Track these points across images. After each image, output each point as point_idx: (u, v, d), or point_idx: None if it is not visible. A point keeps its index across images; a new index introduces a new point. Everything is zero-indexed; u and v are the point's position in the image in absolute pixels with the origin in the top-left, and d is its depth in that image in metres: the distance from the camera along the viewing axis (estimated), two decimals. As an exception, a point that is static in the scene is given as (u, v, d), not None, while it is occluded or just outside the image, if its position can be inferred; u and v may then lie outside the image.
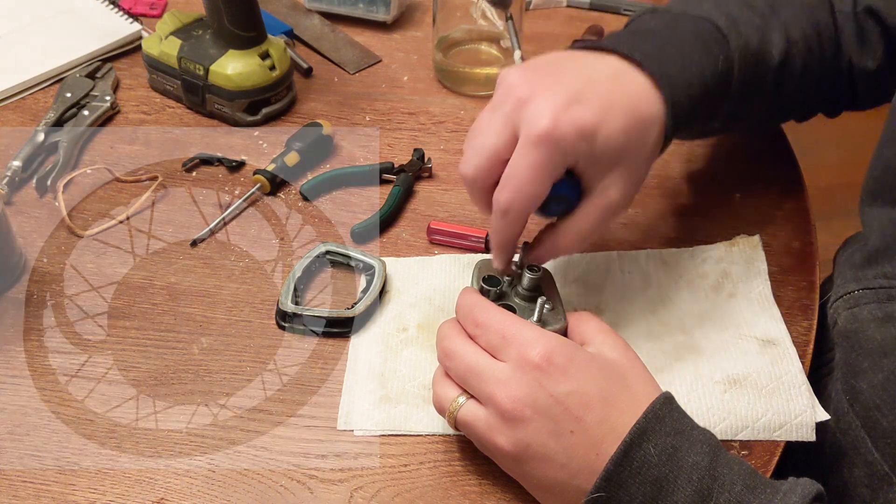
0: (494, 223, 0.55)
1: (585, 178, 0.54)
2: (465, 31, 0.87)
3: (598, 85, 0.54)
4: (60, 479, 0.55)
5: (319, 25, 0.95)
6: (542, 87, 0.53)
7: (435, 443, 0.57)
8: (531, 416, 0.48)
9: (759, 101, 0.64)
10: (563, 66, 0.55)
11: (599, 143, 0.52)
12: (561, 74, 0.54)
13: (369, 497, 0.54)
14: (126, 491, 0.54)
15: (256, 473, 0.55)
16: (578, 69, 0.55)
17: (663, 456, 0.47)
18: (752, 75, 0.61)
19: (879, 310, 0.59)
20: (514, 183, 0.52)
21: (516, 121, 0.52)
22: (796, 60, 0.63)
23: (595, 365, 0.50)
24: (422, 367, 0.61)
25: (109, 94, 0.83)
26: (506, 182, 0.53)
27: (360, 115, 0.84)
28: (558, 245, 0.56)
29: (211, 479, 0.55)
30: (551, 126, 0.51)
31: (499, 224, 0.54)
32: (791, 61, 0.63)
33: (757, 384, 0.58)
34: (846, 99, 0.70)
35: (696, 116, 0.59)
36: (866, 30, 0.66)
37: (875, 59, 0.66)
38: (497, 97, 0.55)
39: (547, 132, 0.51)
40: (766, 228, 0.71)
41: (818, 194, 0.82)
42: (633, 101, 0.54)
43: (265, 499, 0.54)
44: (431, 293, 0.66)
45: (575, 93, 0.52)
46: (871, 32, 0.66)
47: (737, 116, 0.64)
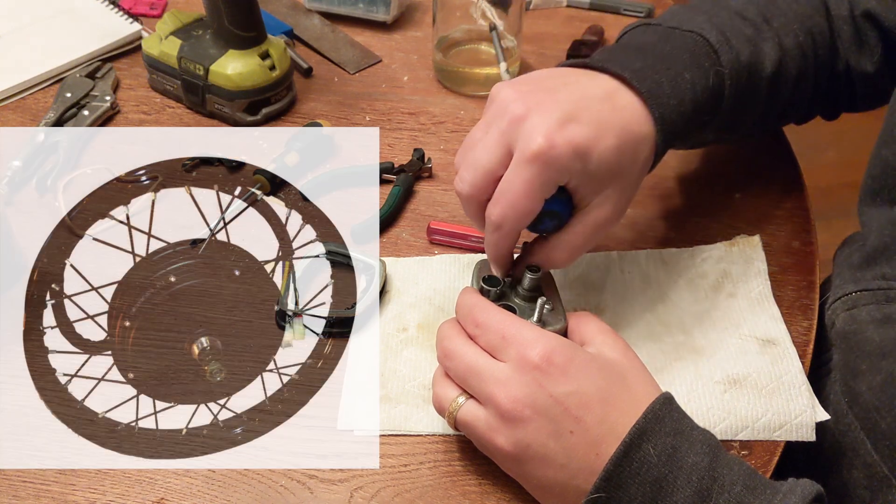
0: (487, 237, 0.55)
1: (578, 195, 0.55)
2: (465, 31, 0.87)
3: (592, 104, 0.54)
4: (60, 479, 0.55)
5: (319, 25, 0.95)
6: (536, 105, 0.53)
7: (435, 443, 0.57)
8: (531, 417, 0.48)
9: (752, 111, 0.64)
10: (557, 83, 0.56)
11: (593, 161, 0.53)
12: (555, 92, 0.54)
13: (369, 497, 0.54)
14: (126, 491, 0.54)
15: (256, 473, 0.55)
16: (572, 87, 0.55)
17: (663, 456, 0.47)
18: (743, 87, 0.61)
19: (878, 311, 0.59)
20: (507, 199, 0.52)
21: (511, 138, 0.53)
22: (790, 68, 0.64)
23: (595, 365, 0.50)
24: (422, 367, 0.61)
25: (109, 94, 0.83)
26: (499, 197, 0.53)
27: (360, 115, 0.84)
28: (551, 258, 0.57)
29: (211, 479, 0.55)
30: (546, 145, 0.51)
31: (492, 238, 0.55)
32: (784, 69, 0.63)
33: (757, 384, 0.58)
34: (844, 101, 0.70)
35: (688, 131, 0.59)
36: (864, 33, 0.66)
37: (873, 61, 0.66)
38: (491, 113, 0.55)
39: (542, 151, 0.51)
40: (765, 228, 0.71)
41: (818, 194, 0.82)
42: (625, 121, 0.55)
43: (265, 499, 0.54)
44: (431, 293, 0.66)
45: (569, 112, 0.53)
46: (868, 35, 0.66)
47: (730, 128, 0.64)
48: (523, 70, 0.89)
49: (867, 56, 0.66)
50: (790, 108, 0.68)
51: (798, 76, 0.64)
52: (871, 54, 0.66)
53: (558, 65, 0.60)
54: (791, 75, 0.64)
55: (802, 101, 0.67)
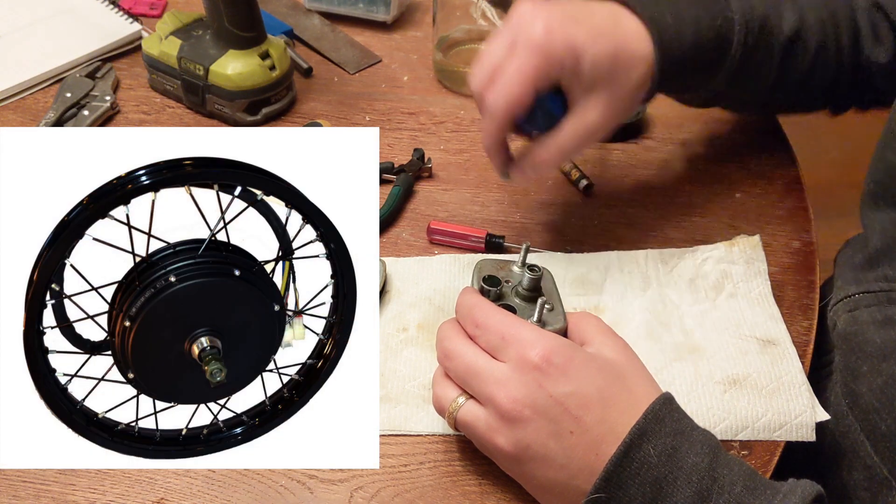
0: (483, 124, 0.59)
1: (570, 96, 0.58)
2: (465, 31, 0.87)
3: (595, 17, 0.59)
4: (60, 479, 0.55)
5: (319, 25, 0.95)
6: (545, 10, 0.57)
7: (435, 443, 0.57)
8: (531, 417, 0.48)
9: (765, 72, 0.65)
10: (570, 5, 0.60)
11: (587, 62, 0.57)
12: (565, 4, 0.58)
13: (369, 497, 0.54)
14: (126, 491, 0.54)
15: (256, 473, 0.55)
16: (580, 5, 0.60)
17: (663, 456, 0.47)
18: (755, 40, 0.63)
19: (879, 313, 0.59)
20: (502, 82, 0.57)
21: (516, 33, 0.57)
22: (809, 40, 0.65)
23: (594, 365, 0.50)
24: (422, 368, 0.61)
25: (109, 94, 0.83)
26: (494, 81, 0.57)
27: (360, 115, 0.84)
28: (539, 156, 0.61)
29: (211, 479, 0.55)
30: (545, 34, 0.56)
31: (485, 125, 0.59)
32: (803, 39, 0.65)
33: (757, 384, 0.58)
34: (856, 94, 0.71)
35: (691, 72, 0.62)
36: (877, 24, 0.67)
37: (886, 52, 0.67)
38: (506, 21, 0.60)
39: (539, 39, 0.56)
40: (766, 228, 0.71)
41: (818, 194, 0.82)
42: (624, 37, 0.59)
43: (265, 499, 0.54)
44: (431, 293, 0.66)
45: (573, 16, 0.57)
46: (881, 27, 0.67)
47: (741, 84, 0.66)
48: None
49: (881, 47, 0.67)
50: (808, 85, 0.68)
51: (817, 50, 0.66)
52: (884, 46, 0.67)
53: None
54: (810, 47, 0.65)
55: (822, 80, 0.68)
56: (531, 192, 0.76)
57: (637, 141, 0.81)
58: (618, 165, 0.78)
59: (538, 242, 0.71)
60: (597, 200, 0.75)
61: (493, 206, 0.74)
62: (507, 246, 0.70)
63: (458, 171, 0.78)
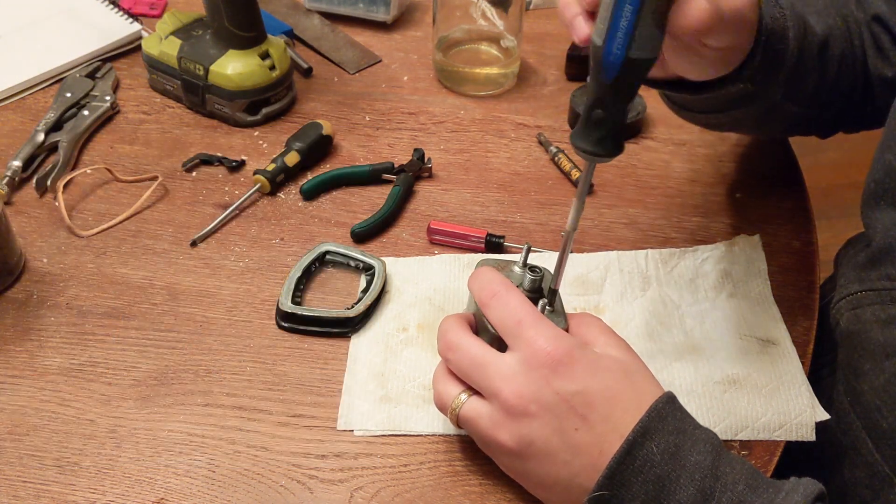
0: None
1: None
2: (465, 31, 0.87)
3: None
4: (60, 479, 0.55)
5: (319, 25, 0.95)
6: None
7: (435, 443, 0.57)
8: (536, 413, 0.48)
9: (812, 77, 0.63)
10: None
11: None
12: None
13: (369, 497, 0.54)
14: (126, 491, 0.54)
15: (256, 473, 0.55)
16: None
17: (666, 455, 0.47)
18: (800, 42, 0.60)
19: (882, 311, 0.59)
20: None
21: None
22: (835, 47, 0.63)
23: (601, 365, 0.50)
24: (422, 367, 0.61)
25: (109, 94, 0.83)
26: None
27: (360, 115, 0.84)
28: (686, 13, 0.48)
29: (211, 479, 0.55)
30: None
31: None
32: (830, 46, 0.63)
33: (757, 384, 0.58)
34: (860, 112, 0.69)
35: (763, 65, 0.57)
36: (878, 37, 0.66)
37: (891, 66, 0.66)
38: None
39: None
40: (766, 228, 0.71)
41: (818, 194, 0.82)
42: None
43: (265, 499, 0.54)
44: (431, 293, 0.66)
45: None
46: (883, 40, 0.66)
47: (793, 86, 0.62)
48: (523, 70, 0.89)
49: (886, 61, 0.66)
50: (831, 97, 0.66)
51: (840, 59, 0.63)
52: (888, 59, 0.66)
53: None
54: (836, 55, 0.63)
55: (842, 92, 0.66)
56: (531, 192, 0.76)
57: (637, 141, 0.81)
58: (618, 165, 0.78)
59: (538, 242, 0.71)
60: (597, 200, 0.75)
61: (493, 206, 0.74)
62: (507, 246, 0.70)
63: (458, 171, 0.78)
